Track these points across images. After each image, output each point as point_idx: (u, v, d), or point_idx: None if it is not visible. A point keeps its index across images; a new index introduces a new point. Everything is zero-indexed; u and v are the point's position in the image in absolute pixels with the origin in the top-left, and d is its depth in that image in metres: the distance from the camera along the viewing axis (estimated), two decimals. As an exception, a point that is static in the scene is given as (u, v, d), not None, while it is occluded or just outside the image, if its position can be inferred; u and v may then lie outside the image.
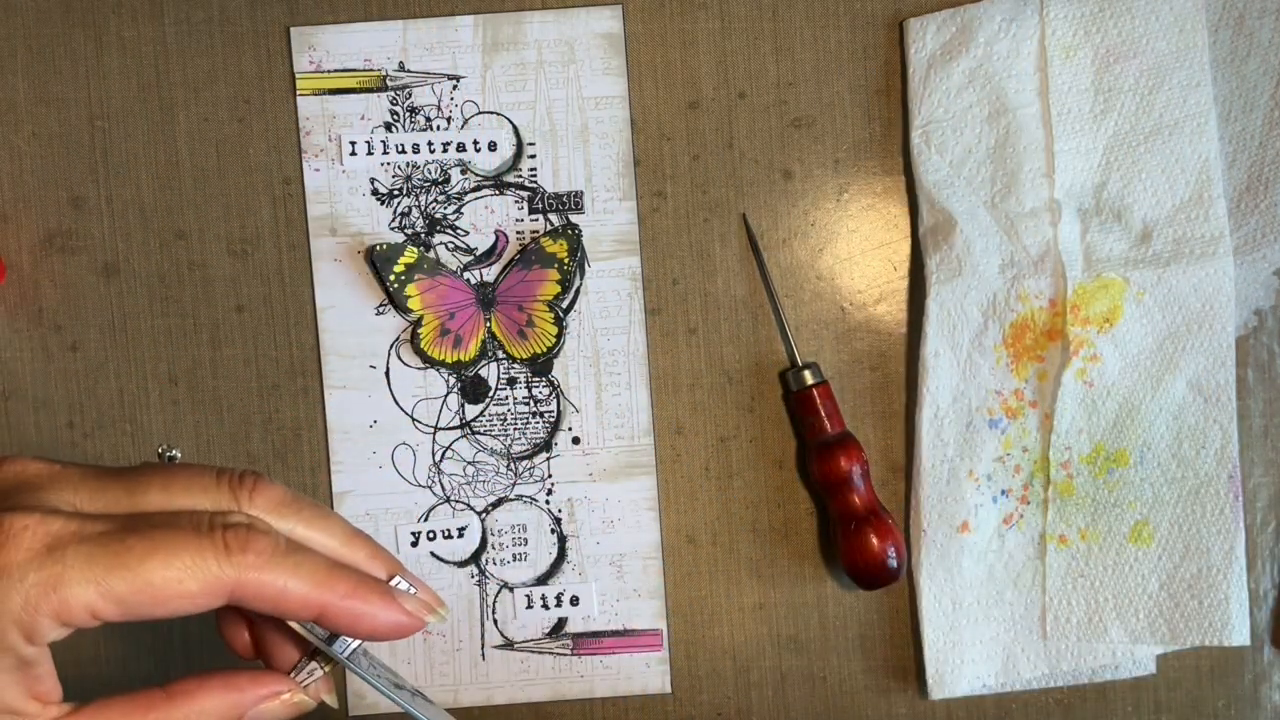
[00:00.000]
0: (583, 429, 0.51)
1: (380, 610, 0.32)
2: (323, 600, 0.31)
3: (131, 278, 0.51)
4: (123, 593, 0.29)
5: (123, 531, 0.29)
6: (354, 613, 0.31)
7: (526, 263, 0.50)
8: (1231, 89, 0.50)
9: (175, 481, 0.31)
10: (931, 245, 0.50)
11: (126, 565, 0.29)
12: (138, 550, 0.29)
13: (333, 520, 0.33)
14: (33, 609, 0.28)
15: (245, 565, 0.30)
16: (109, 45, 0.51)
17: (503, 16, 0.50)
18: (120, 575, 0.29)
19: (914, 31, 0.50)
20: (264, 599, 0.30)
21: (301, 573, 0.30)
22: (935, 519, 0.50)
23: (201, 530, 0.30)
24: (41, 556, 0.28)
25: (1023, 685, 0.50)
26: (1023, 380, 0.50)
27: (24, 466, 0.31)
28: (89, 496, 0.31)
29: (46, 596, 0.28)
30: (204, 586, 0.29)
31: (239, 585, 0.30)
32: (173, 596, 0.29)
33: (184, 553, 0.29)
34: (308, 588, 0.31)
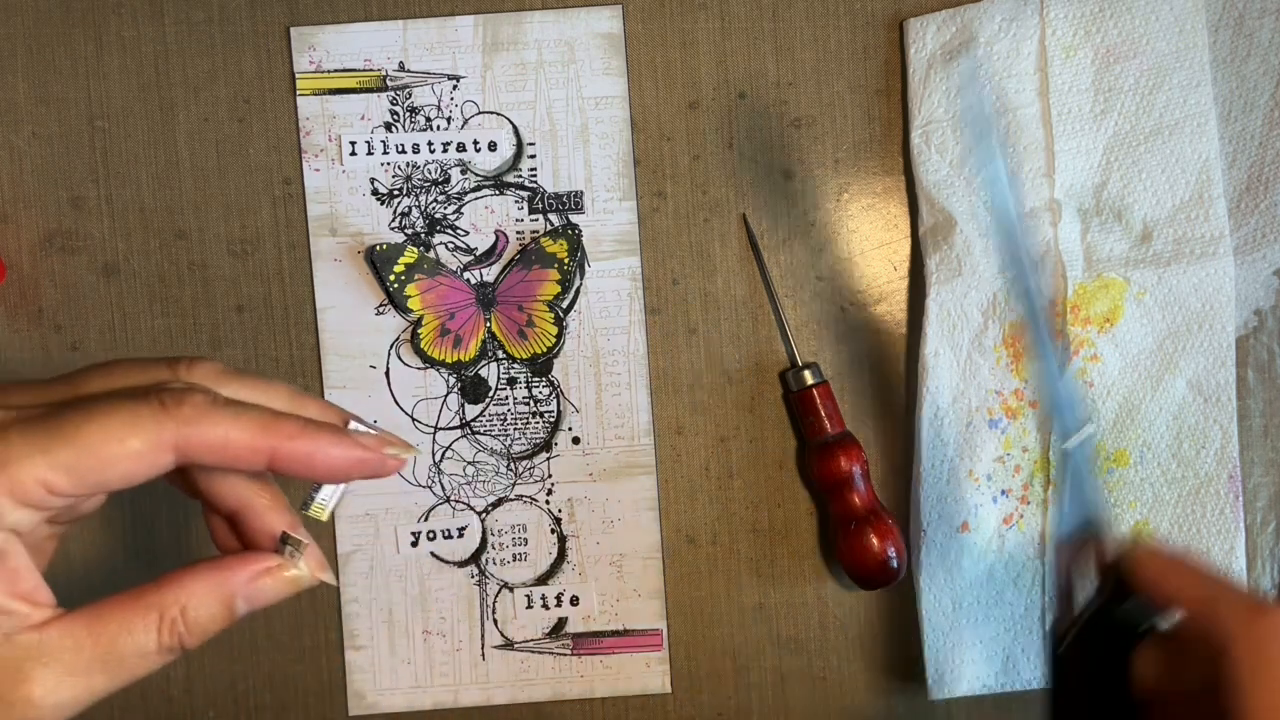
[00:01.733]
0: (583, 429, 0.51)
1: (332, 446, 0.32)
2: (269, 443, 0.31)
3: (131, 278, 0.51)
4: (68, 460, 0.29)
5: (62, 408, 0.30)
6: (304, 451, 0.31)
7: (526, 263, 0.50)
8: (1232, 89, 0.50)
9: (114, 370, 0.32)
10: (931, 245, 0.50)
11: (66, 434, 0.29)
12: (76, 419, 0.29)
13: (276, 385, 0.33)
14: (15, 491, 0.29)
15: (183, 418, 0.30)
16: (109, 45, 0.51)
17: (503, 16, 0.50)
18: (62, 443, 0.29)
19: (914, 31, 0.50)
20: (210, 450, 0.30)
21: (243, 420, 0.31)
22: (935, 519, 0.50)
23: (137, 395, 0.30)
24: None
25: (1022, 685, 0.50)
26: (1022, 380, 0.50)
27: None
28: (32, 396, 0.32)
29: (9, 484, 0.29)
30: (147, 443, 0.30)
31: (182, 439, 0.30)
32: (119, 457, 0.30)
33: (122, 413, 0.30)
34: (251, 433, 0.31)
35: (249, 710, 0.51)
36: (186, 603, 0.32)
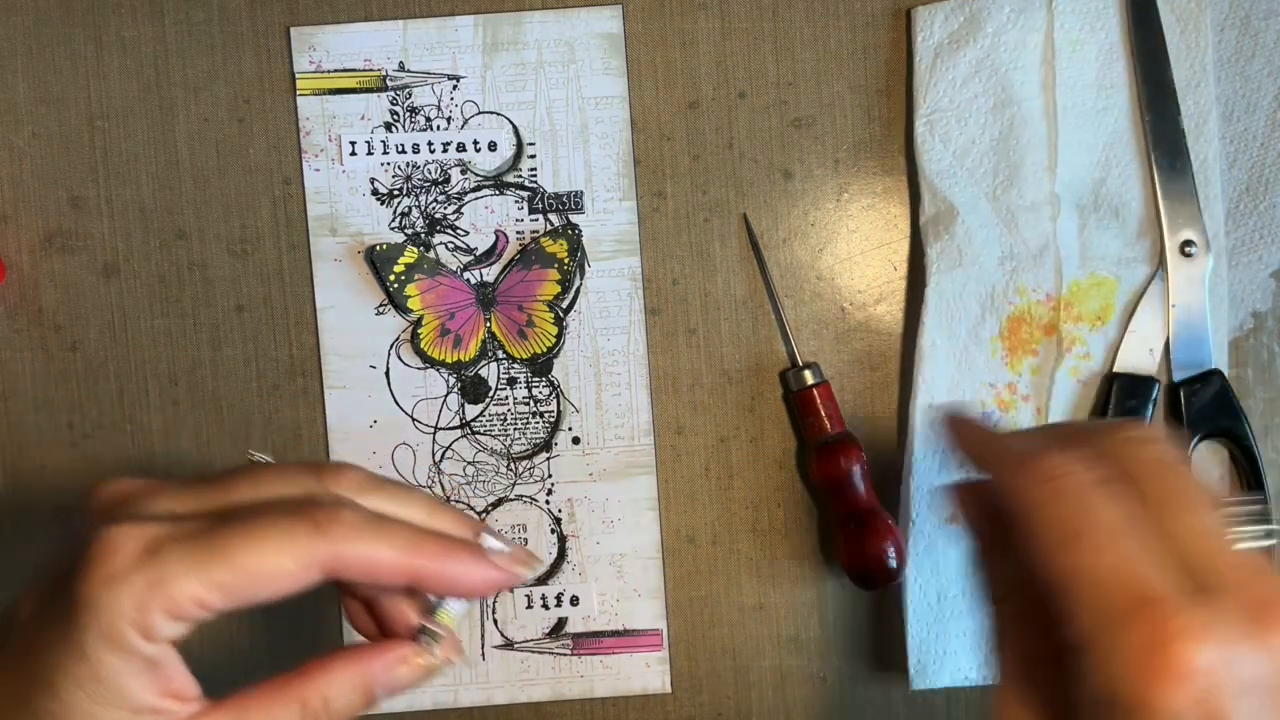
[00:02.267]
0: (583, 429, 0.51)
1: (471, 567, 0.33)
2: (414, 564, 0.32)
3: (131, 278, 0.51)
4: (224, 580, 0.30)
5: (216, 524, 0.31)
6: (446, 573, 0.33)
7: (526, 263, 0.50)
8: (1235, 89, 0.50)
9: (264, 477, 0.33)
10: (932, 235, 0.50)
11: (224, 553, 0.30)
12: (232, 538, 0.31)
13: (415, 494, 0.35)
14: (144, 608, 0.30)
15: (336, 538, 0.31)
16: (109, 45, 0.51)
17: (503, 16, 0.50)
18: (219, 563, 0.30)
19: (921, 20, 0.50)
20: (357, 569, 0.32)
21: (390, 540, 0.32)
22: (924, 510, 0.50)
23: (290, 511, 0.31)
24: (144, 559, 0.30)
25: (1012, 683, 0.50)
26: (1016, 374, 0.50)
27: (121, 485, 0.33)
28: (182, 501, 0.33)
29: (154, 594, 0.30)
30: (299, 563, 0.31)
31: (333, 558, 0.31)
32: (271, 576, 0.31)
33: (277, 533, 0.31)
34: (397, 553, 0.32)
35: (249, 710, 0.51)
36: (328, 693, 0.33)
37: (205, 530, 0.31)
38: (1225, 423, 0.49)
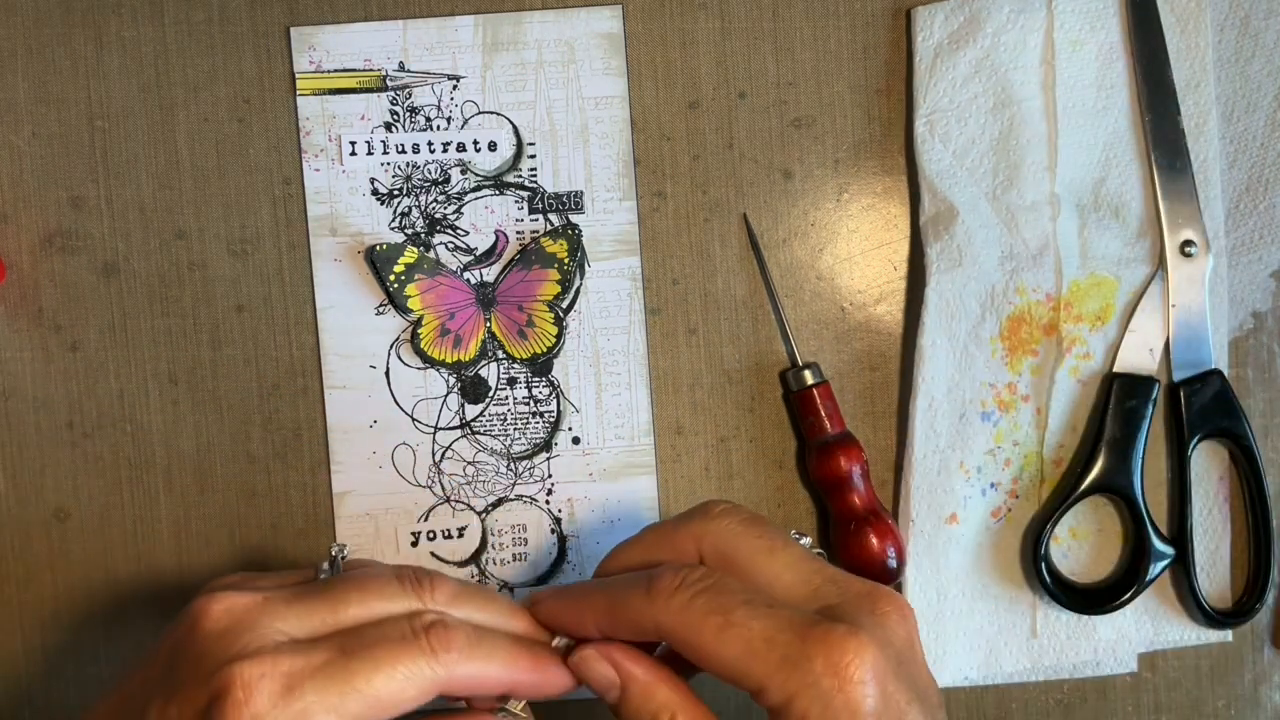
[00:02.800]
0: (583, 429, 0.51)
1: (558, 678, 0.37)
2: (513, 679, 0.36)
3: (131, 278, 0.51)
4: (357, 711, 0.33)
5: (343, 656, 0.33)
6: (537, 684, 0.37)
7: (526, 263, 0.50)
8: (1235, 89, 0.50)
9: (368, 592, 0.36)
10: (932, 235, 0.50)
11: (356, 688, 0.33)
12: (362, 671, 0.33)
13: (496, 600, 0.38)
14: None
15: (449, 662, 0.34)
16: (109, 45, 0.51)
17: (503, 16, 0.50)
18: (353, 698, 0.33)
19: (921, 20, 0.50)
20: (466, 688, 0.35)
21: (494, 658, 0.35)
22: (924, 510, 0.50)
23: (407, 637, 0.34)
24: (286, 698, 0.32)
25: (1004, 679, 0.51)
26: (1016, 374, 0.50)
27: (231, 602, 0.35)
28: (297, 623, 0.35)
29: None
30: (421, 690, 0.34)
31: (446, 681, 0.34)
32: (397, 704, 0.34)
33: (400, 664, 0.34)
34: (500, 670, 0.36)
35: (249, 710, 0.51)
36: None
37: (334, 663, 0.33)
38: (1225, 423, 0.49)
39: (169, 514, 0.51)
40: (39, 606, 0.51)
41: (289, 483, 0.51)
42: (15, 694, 0.51)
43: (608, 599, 0.37)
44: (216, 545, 0.51)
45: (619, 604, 0.36)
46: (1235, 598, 0.51)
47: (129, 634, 0.51)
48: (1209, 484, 0.50)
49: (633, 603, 0.36)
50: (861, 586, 0.36)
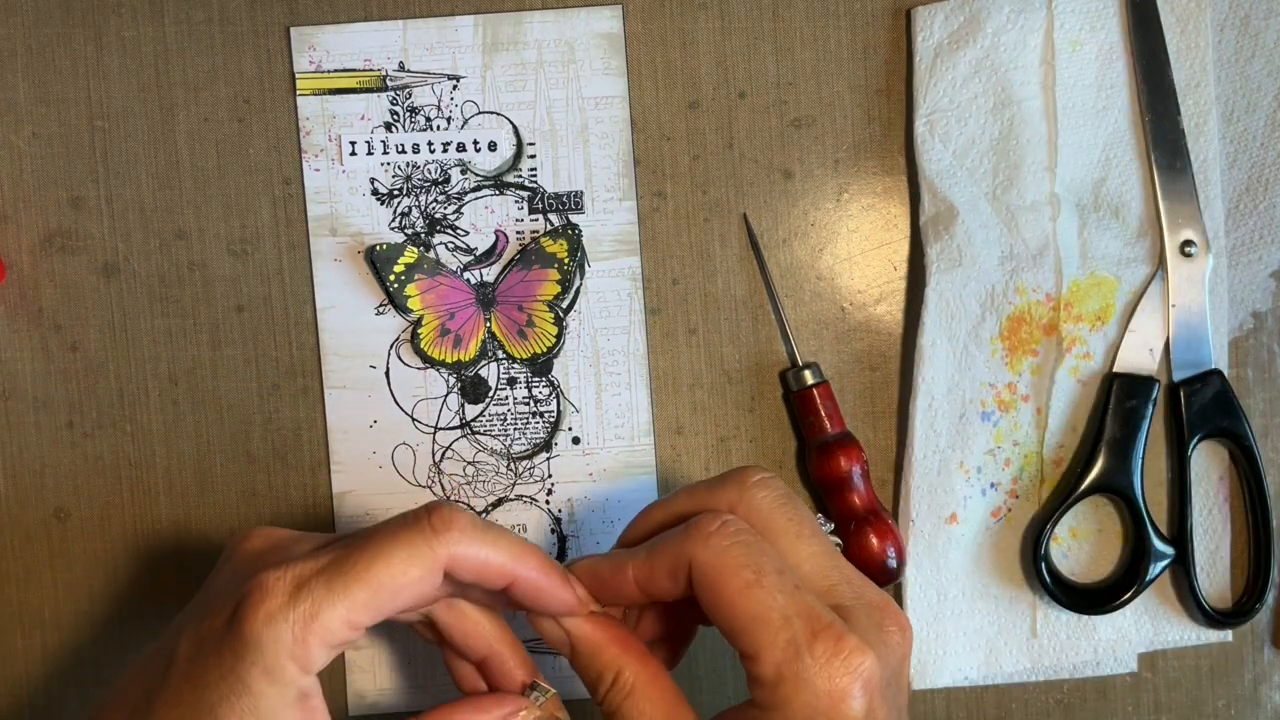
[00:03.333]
0: (583, 429, 0.51)
1: (560, 589, 0.37)
2: (516, 571, 0.36)
3: (131, 278, 0.51)
4: (365, 599, 0.34)
5: (347, 550, 0.35)
6: (538, 586, 0.37)
7: (526, 263, 0.50)
8: (1235, 89, 0.50)
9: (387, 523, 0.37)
10: (932, 235, 0.50)
11: (358, 575, 0.34)
12: (363, 559, 0.34)
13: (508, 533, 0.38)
14: (302, 641, 0.33)
15: (451, 540, 0.35)
16: (109, 45, 0.51)
17: (503, 16, 0.50)
18: (358, 586, 0.34)
19: (921, 20, 0.50)
20: (470, 569, 0.35)
21: (499, 545, 0.36)
22: (924, 510, 0.50)
23: (408, 522, 0.36)
24: (295, 595, 0.34)
25: (1004, 679, 0.51)
26: (1016, 374, 0.50)
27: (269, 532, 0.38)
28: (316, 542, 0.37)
29: (309, 626, 0.33)
30: (424, 568, 0.35)
31: (450, 560, 0.35)
32: (403, 586, 0.35)
33: (401, 546, 0.35)
34: (505, 558, 0.36)
35: (249, 710, 0.51)
36: None
37: (339, 558, 0.35)
38: (1225, 423, 0.49)
39: (169, 514, 0.51)
40: (39, 606, 0.51)
41: (289, 483, 0.51)
42: (15, 694, 0.51)
43: (648, 545, 0.37)
44: (217, 545, 0.51)
45: (658, 547, 0.37)
46: (1235, 598, 0.51)
47: (129, 634, 0.51)
48: (1209, 484, 0.50)
49: (671, 542, 0.36)
50: (875, 597, 0.37)
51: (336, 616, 0.34)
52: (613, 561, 0.38)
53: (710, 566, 0.35)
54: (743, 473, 0.38)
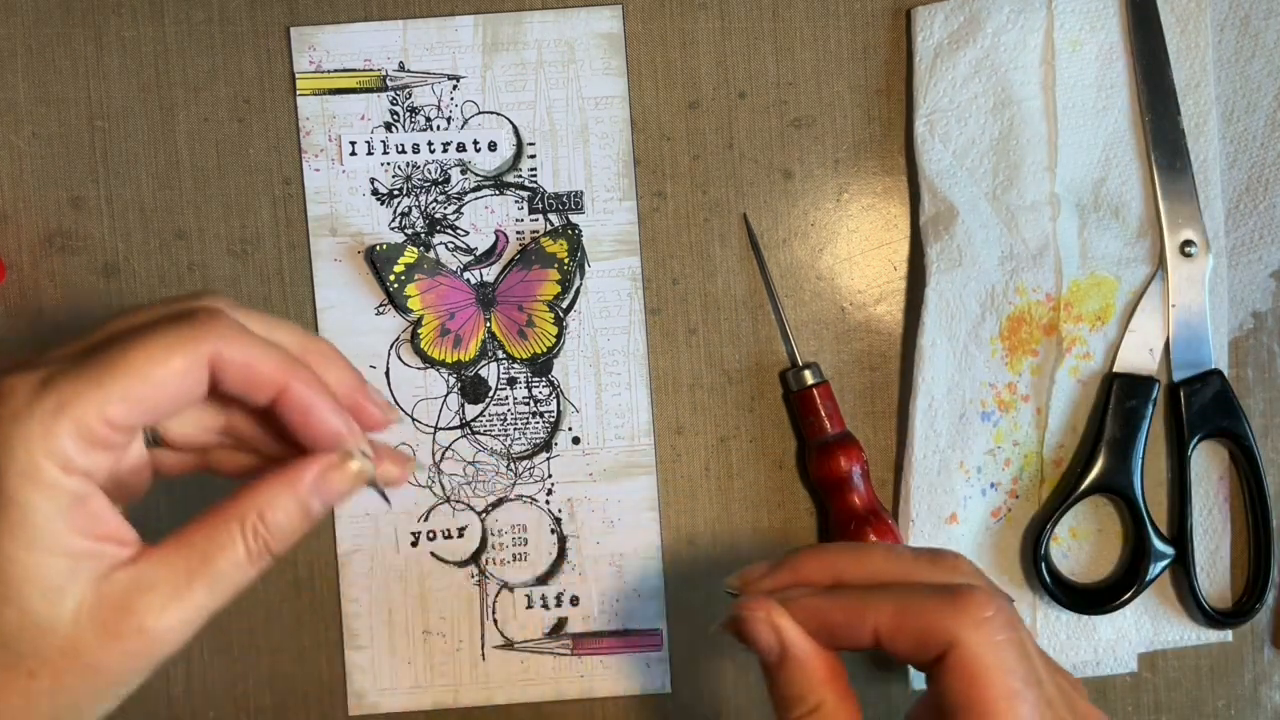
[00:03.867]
0: (583, 429, 0.51)
1: (332, 412, 0.35)
2: (285, 379, 0.33)
3: (131, 278, 0.51)
4: (121, 389, 0.31)
5: (102, 343, 0.32)
6: (308, 403, 0.34)
7: (526, 263, 0.50)
8: (1235, 89, 0.50)
9: (137, 313, 0.34)
10: (932, 235, 0.50)
11: (114, 365, 0.31)
12: (119, 350, 0.31)
13: (285, 323, 0.35)
14: (53, 433, 0.30)
15: (217, 334, 0.32)
16: (109, 45, 0.51)
17: (503, 16, 0.50)
18: (112, 375, 0.31)
19: (921, 20, 0.50)
20: (237, 370, 0.33)
21: (270, 350, 0.33)
22: (924, 510, 0.50)
23: (171, 319, 0.32)
24: (39, 391, 0.31)
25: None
26: (1016, 374, 0.50)
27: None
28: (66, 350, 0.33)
29: (59, 419, 0.30)
30: (188, 359, 0.32)
31: (216, 356, 0.32)
32: (166, 379, 0.32)
33: (161, 336, 0.32)
34: (274, 364, 0.33)
35: (249, 710, 0.51)
36: (263, 508, 0.34)
37: (93, 350, 0.32)
38: (1225, 423, 0.49)
39: (169, 514, 0.51)
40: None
41: (289, 483, 0.51)
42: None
43: (894, 600, 0.34)
44: (216, 545, 0.51)
45: (912, 606, 0.34)
46: (1235, 598, 0.51)
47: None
48: (1209, 484, 0.50)
49: (931, 608, 0.33)
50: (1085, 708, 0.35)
51: (90, 410, 0.31)
52: (849, 608, 0.35)
53: (979, 660, 0.32)
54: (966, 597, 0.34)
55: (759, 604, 0.36)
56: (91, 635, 0.31)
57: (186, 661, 0.51)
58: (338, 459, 0.35)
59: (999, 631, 0.33)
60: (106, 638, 0.31)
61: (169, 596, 0.32)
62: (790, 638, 0.35)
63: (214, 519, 0.33)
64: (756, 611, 0.35)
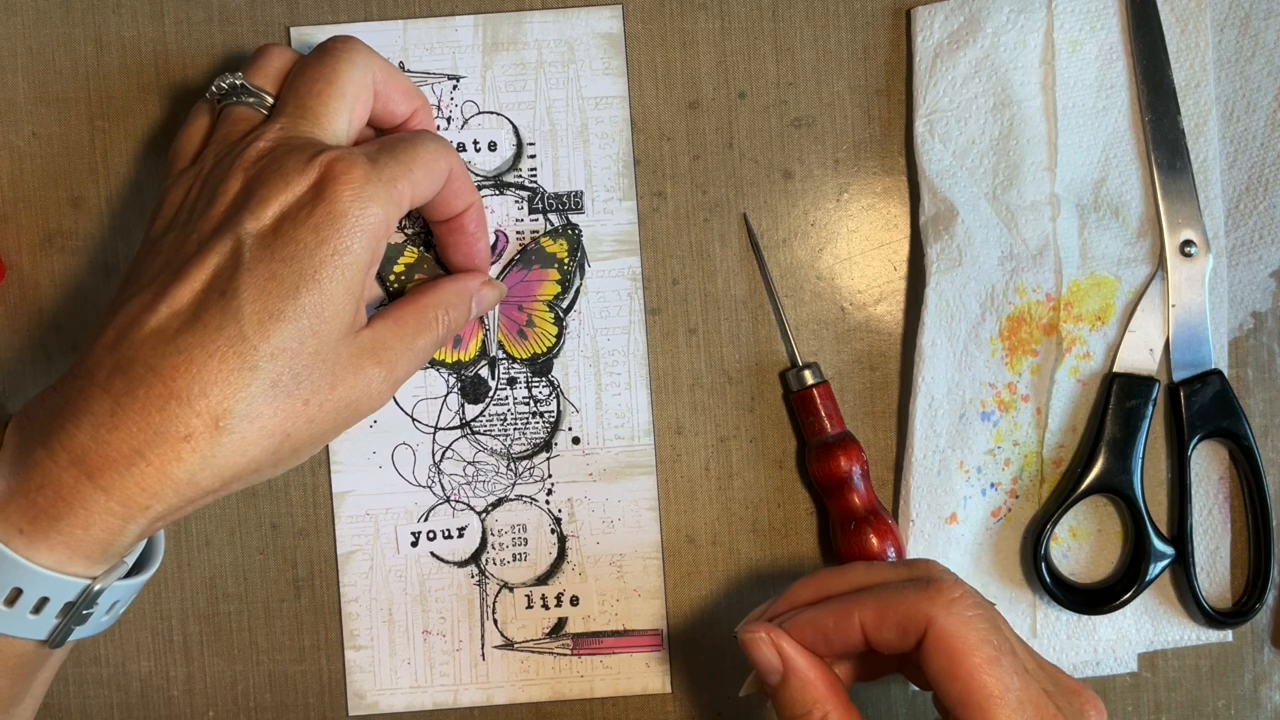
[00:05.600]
0: (583, 429, 0.51)
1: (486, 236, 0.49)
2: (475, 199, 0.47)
3: (131, 278, 0.51)
4: (419, 176, 0.41)
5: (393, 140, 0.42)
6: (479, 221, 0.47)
7: (526, 263, 0.50)
8: (1235, 89, 0.50)
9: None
10: (932, 235, 0.50)
11: (414, 156, 0.41)
12: (411, 149, 0.42)
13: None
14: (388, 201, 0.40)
15: (455, 155, 0.44)
16: (109, 45, 0.51)
17: (503, 16, 0.50)
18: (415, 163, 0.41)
19: (921, 20, 0.50)
20: (458, 180, 0.44)
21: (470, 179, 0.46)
22: (924, 510, 0.50)
23: (434, 134, 0.44)
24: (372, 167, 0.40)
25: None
26: (1016, 374, 0.50)
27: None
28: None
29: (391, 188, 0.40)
30: (449, 164, 0.43)
31: (455, 166, 0.44)
32: (438, 175, 0.42)
33: (436, 140, 0.43)
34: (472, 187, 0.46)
35: (249, 710, 0.51)
36: (448, 305, 0.44)
37: (387, 146, 0.41)
38: (1225, 423, 0.49)
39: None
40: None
41: (289, 483, 0.51)
42: (15, 694, 0.51)
43: (875, 597, 0.38)
44: (216, 545, 0.51)
45: (890, 599, 0.38)
46: (1235, 598, 0.51)
47: (129, 634, 0.51)
48: (1209, 484, 0.50)
49: (907, 597, 0.37)
50: (1070, 683, 0.39)
51: (405, 189, 0.40)
52: (837, 611, 0.39)
53: (953, 634, 0.36)
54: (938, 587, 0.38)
55: (759, 627, 0.39)
56: (350, 373, 0.39)
57: (186, 661, 0.51)
58: (488, 279, 0.48)
59: (969, 609, 0.36)
60: (357, 378, 0.39)
61: (399, 353, 0.41)
62: (789, 654, 0.39)
63: (419, 306, 0.43)
64: (757, 633, 0.39)
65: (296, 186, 0.38)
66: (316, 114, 0.41)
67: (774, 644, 0.39)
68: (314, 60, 0.42)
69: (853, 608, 0.38)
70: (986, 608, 0.37)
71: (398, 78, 0.44)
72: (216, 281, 0.37)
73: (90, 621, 0.39)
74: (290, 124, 0.41)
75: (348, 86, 0.42)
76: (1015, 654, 0.36)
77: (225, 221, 0.38)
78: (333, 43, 0.43)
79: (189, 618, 0.51)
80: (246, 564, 0.51)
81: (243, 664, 0.51)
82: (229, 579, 0.51)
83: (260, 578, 0.51)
